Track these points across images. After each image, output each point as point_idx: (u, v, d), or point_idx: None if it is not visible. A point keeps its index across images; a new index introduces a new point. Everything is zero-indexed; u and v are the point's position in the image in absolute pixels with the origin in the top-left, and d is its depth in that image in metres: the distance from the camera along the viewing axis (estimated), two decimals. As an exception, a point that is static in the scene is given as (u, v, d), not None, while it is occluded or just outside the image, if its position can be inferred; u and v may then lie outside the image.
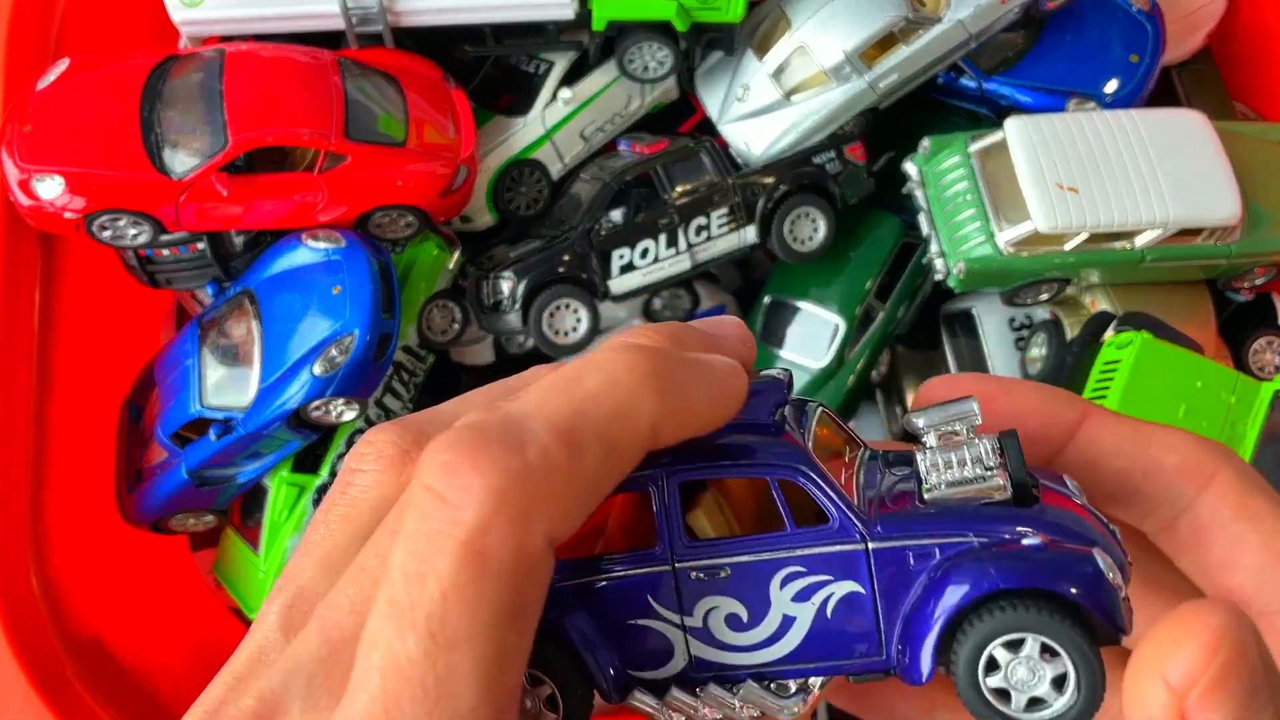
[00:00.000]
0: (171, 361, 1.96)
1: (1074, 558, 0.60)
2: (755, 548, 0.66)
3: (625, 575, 0.67)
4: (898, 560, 0.64)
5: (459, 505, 0.47)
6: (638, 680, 0.68)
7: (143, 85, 1.86)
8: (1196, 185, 1.98)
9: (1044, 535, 0.61)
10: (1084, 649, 0.59)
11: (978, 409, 0.65)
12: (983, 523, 0.63)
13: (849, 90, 2.09)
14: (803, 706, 0.66)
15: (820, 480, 0.65)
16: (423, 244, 2.07)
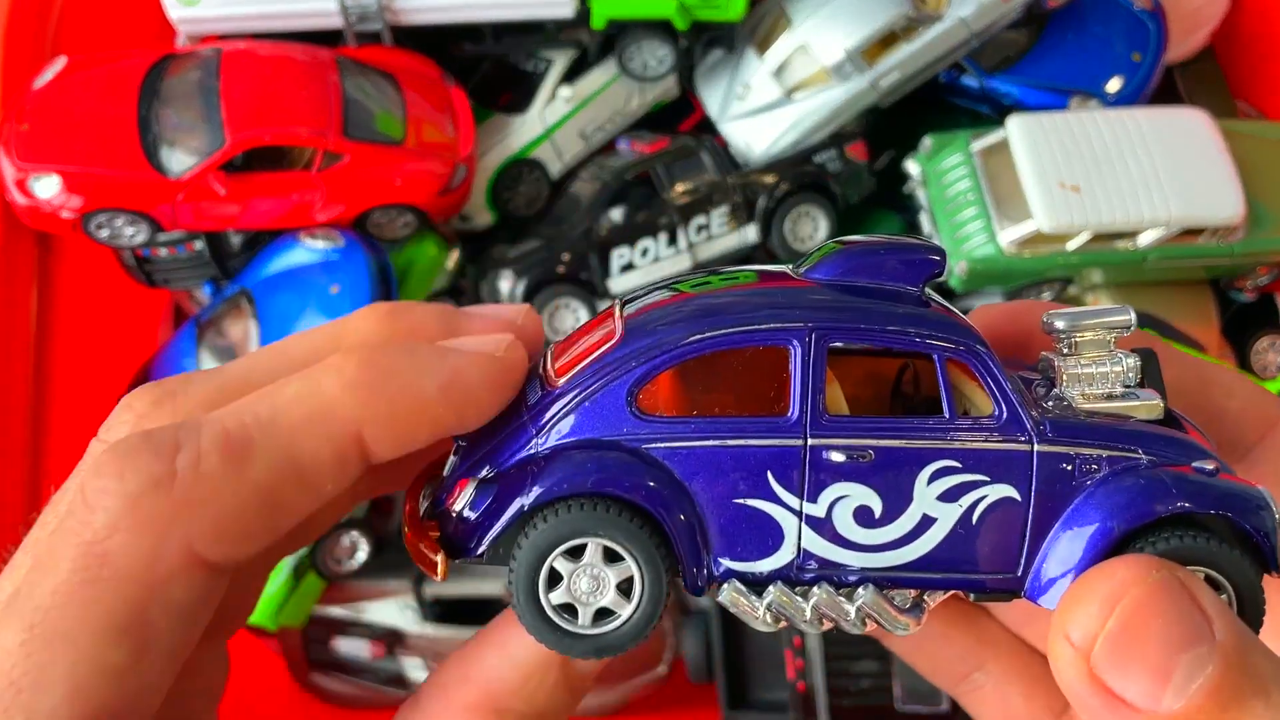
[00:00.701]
0: (169, 362, 1.95)
1: (1250, 492, 0.57)
2: (910, 432, 0.58)
3: (743, 445, 0.58)
4: (1063, 468, 0.58)
5: (94, 508, 0.47)
6: (731, 571, 0.59)
7: (140, 84, 1.85)
8: (1199, 184, 1.97)
9: (1215, 463, 0.58)
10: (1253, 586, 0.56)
11: (1135, 319, 0.60)
12: (1150, 441, 0.59)
13: (850, 89, 2.08)
14: (915, 625, 0.60)
15: (995, 365, 0.59)
16: (421, 243, 2.06)
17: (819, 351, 0.58)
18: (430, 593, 1.94)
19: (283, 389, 0.51)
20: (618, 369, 0.59)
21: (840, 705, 1.72)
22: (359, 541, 1.86)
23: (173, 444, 0.48)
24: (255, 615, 1.82)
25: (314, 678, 1.98)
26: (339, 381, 0.51)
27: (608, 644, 0.59)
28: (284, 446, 0.49)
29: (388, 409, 0.52)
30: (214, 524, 0.47)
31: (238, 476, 0.48)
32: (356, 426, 0.51)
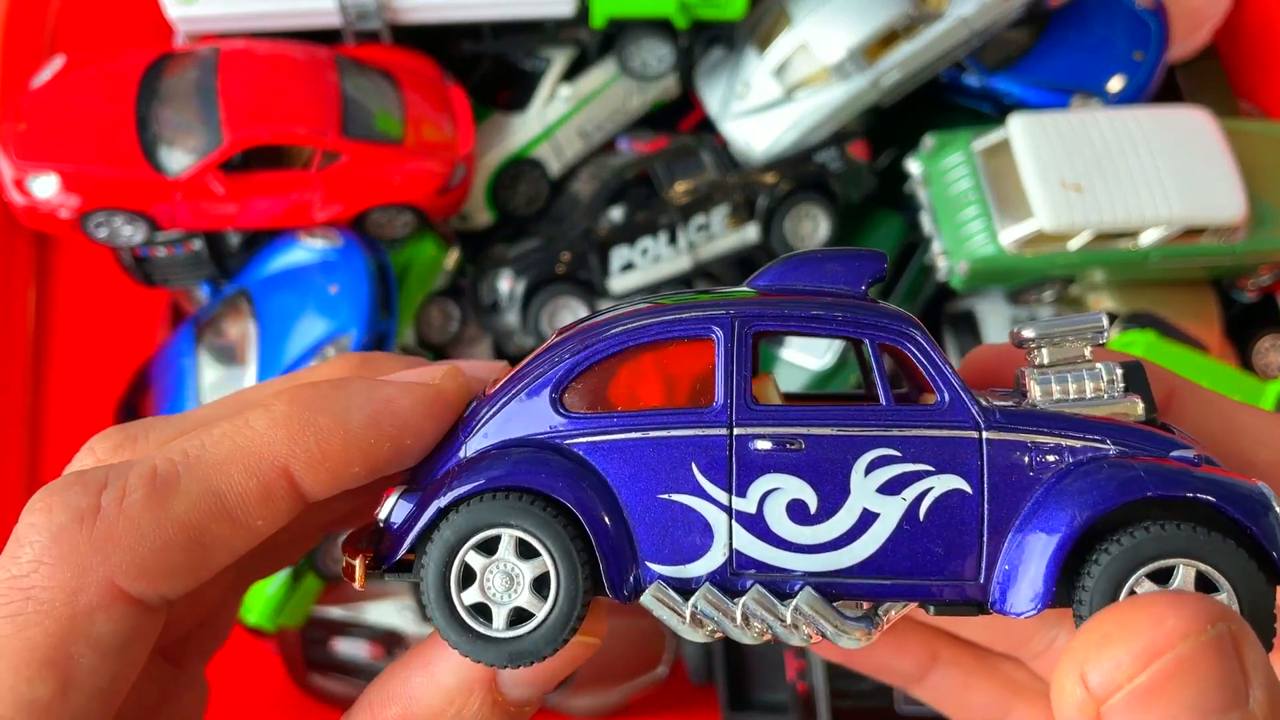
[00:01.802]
0: (167, 362, 1.94)
1: (1245, 486, 0.52)
2: (842, 419, 0.54)
3: (666, 436, 0.55)
4: (1017, 456, 0.53)
5: (22, 543, 0.47)
6: (661, 577, 0.55)
7: (138, 83, 1.84)
8: (1201, 183, 1.96)
9: (1197, 454, 0.53)
10: (1254, 582, 0.50)
11: (1109, 324, 0.56)
12: (1119, 432, 0.54)
13: (851, 87, 2.07)
14: (866, 637, 0.54)
15: (932, 349, 0.55)
16: (420, 243, 2.06)
17: (743, 339, 0.56)
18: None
19: (215, 426, 0.51)
20: (543, 369, 0.58)
21: (841, 707, 1.71)
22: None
23: (101, 481, 0.48)
24: (254, 616, 1.81)
25: (312, 679, 1.97)
26: (267, 418, 0.51)
27: (522, 649, 0.56)
28: (208, 482, 0.49)
29: (315, 442, 0.51)
30: (136, 559, 0.47)
31: (161, 512, 0.48)
32: (283, 461, 0.51)
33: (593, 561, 0.56)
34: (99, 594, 0.47)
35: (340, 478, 0.53)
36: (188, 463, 0.50)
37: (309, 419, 0.52)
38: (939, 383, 0.55)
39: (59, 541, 0.47)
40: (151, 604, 0.49)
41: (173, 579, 0.49)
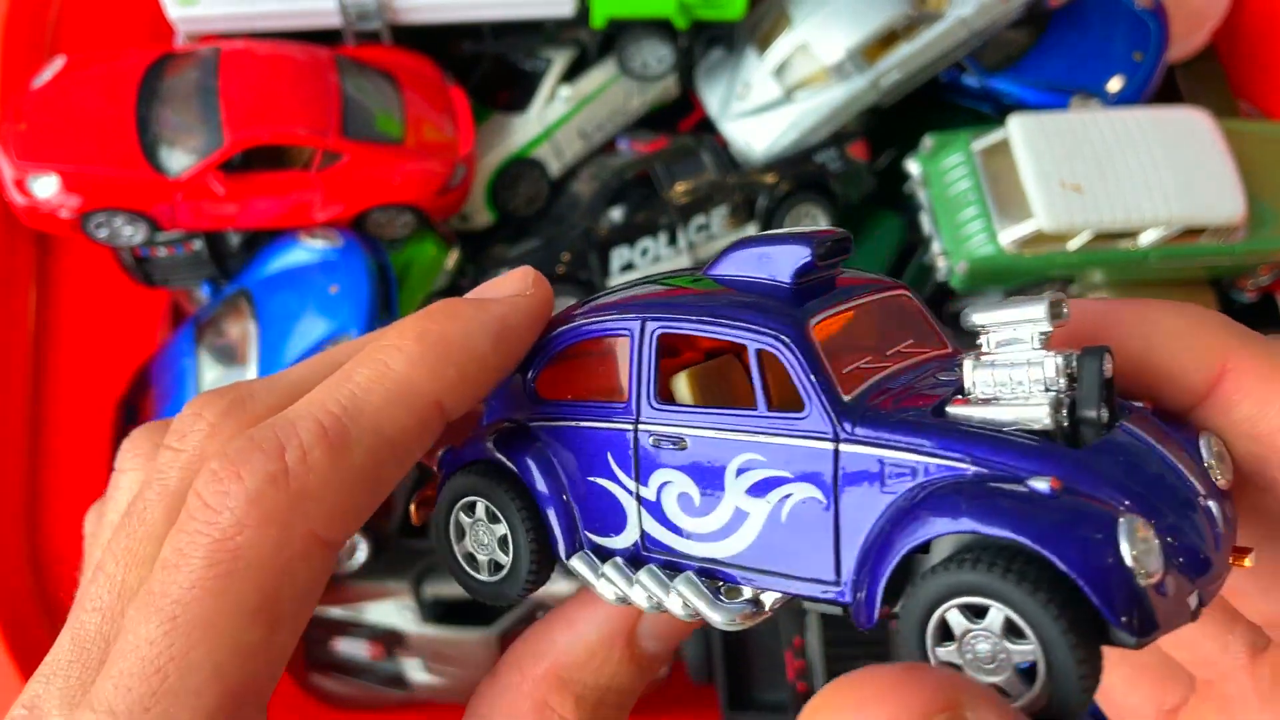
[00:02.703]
0: (167, 362, 1.94)
1: (1085, 516, 0.45)
2: (719, 423, 0.57)
3: (591, 427, 0.62)
4: (868, 471, 0.52)
5: (219, 509, 0.51)
6: (592, 544, 0.63)
7: (139, 83, 1.84)
8: (1200, 184, 1.96)
9: (1059, 481, 0.47)
10: (1061, 639, 0.44)
11: (1050, 312, 0.50)
12: (989, 449, 0.49)
13: (851, 88, 2.08)
14: (741, 619, 0.57)
15: (802, 357, 0.54)
16: (421, 243, 2.06)
17: (648, 341, 0.60)
18: (429, 593, 1.93)
19: (351, 377, 0.56)
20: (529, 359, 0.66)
21: (841, 706, 1.71)
22: (358, 542, 1.85)
23: (277, 443, 0.52)
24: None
25: (313, 678, 1.97)
26: (404, 360, 0.56)
27: (499, 592, 0.66)
28: (375, 429, 0.54)
29: (457, 374, 0.57)
30: (329, 509, 0.52)
31: (343, 463, 0.53)
32: (434, 395, 0.56)
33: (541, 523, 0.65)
34: (301, 545, 0.51)
35: (476, 397, 0.59)
36: (351, 417, 0.54)
37: (443, 353, 0.56)
38: (805, 391, 0.55)
39: (258, 504, 0.50)
40: (339, 545, 0.54)
41: (356, 519, 0.54)
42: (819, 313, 0.57)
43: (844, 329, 0.58)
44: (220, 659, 0.49)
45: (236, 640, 0.49)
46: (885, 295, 0.62)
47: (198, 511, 0.51)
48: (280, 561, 0.51)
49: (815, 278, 0.59)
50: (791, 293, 0.58)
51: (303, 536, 0.51)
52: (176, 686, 0.48)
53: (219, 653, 0.49)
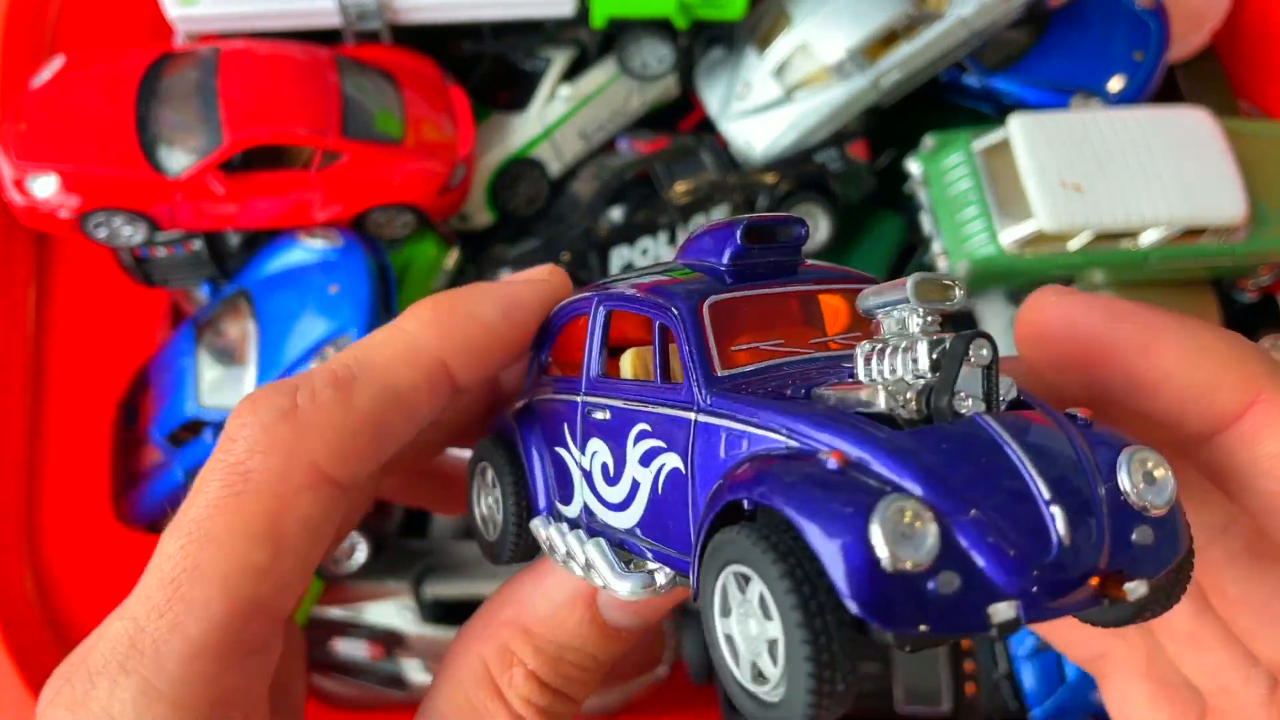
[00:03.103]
0: (166, 362, 1.94)
1: (850, 493, 0.43)
2: (628, 394, 0.60)
3: (560, 399, 0.66)
4: (712, 441, 0.53)
5: (235, 439, 0.57)
6: (558, 512, 0.66)
7: (138, 83, 1.84)
8: (1201, 184, 1.96)
9: (843, 456, 0.45)
10: (791, 613, 0.42)
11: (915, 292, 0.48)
12: (806, 425, 0.48)
13: (851, 87, 2.07)
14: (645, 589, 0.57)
15: (688, 331, 0.55)
16: (420, 243, 2.06)
17: (599, 319, 0.64)
18: (429, 593, 1.93)
19: (373, 338, 0.62)
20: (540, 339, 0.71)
21: (841, 707, 1.71)
22: (358, 543, 1.85)
23: (292, 385, 0.58)
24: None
25: (313, 679, 1.97)
26: (417, 323, 0.62)
27: (493, 552, 0.72)
28: (381, 378, 0.59)
29: (463, 338, 0.62)
30: (331, 444, 0.57)
31: (348, 404, 0.58)
32: (440, 356, 0.61)
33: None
34: (304, 476, 0.56)
35: (486, 363, 0.63)
36: (360, 365, 0.59)
37: (453, 318, 0.62)
38: (684, 363, 0.57)
39: (268, 433, 0.56)
40: (343, 486, 0.57)
41: (360, 461, 0.58)
42: (726, 293, 0.58)
43: (758, 312, 0.58)
44: (228, 573, 0.53)
45: (244, 559, 0.53)
46: (837, 287, 0.61)
47: (221, 442, 0.58)
48: (285, 488, 0.55)
49: (761, 261, 0.59)
50: (723, 274, 0.59)
51: (306, 466, 0.56)
52: (188, 595, 0.52)
53: (227, 568, 0.53)
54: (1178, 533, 0.48)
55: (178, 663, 0.51)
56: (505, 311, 0.64)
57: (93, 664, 0.53)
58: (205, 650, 0.52)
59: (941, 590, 0.42)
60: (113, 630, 0.53)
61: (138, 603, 0.53)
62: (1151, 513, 0.47)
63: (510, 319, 0.64)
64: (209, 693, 0.52)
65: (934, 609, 0.42)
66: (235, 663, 0.53)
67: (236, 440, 0.57)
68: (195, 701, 0.51)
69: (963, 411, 0.48)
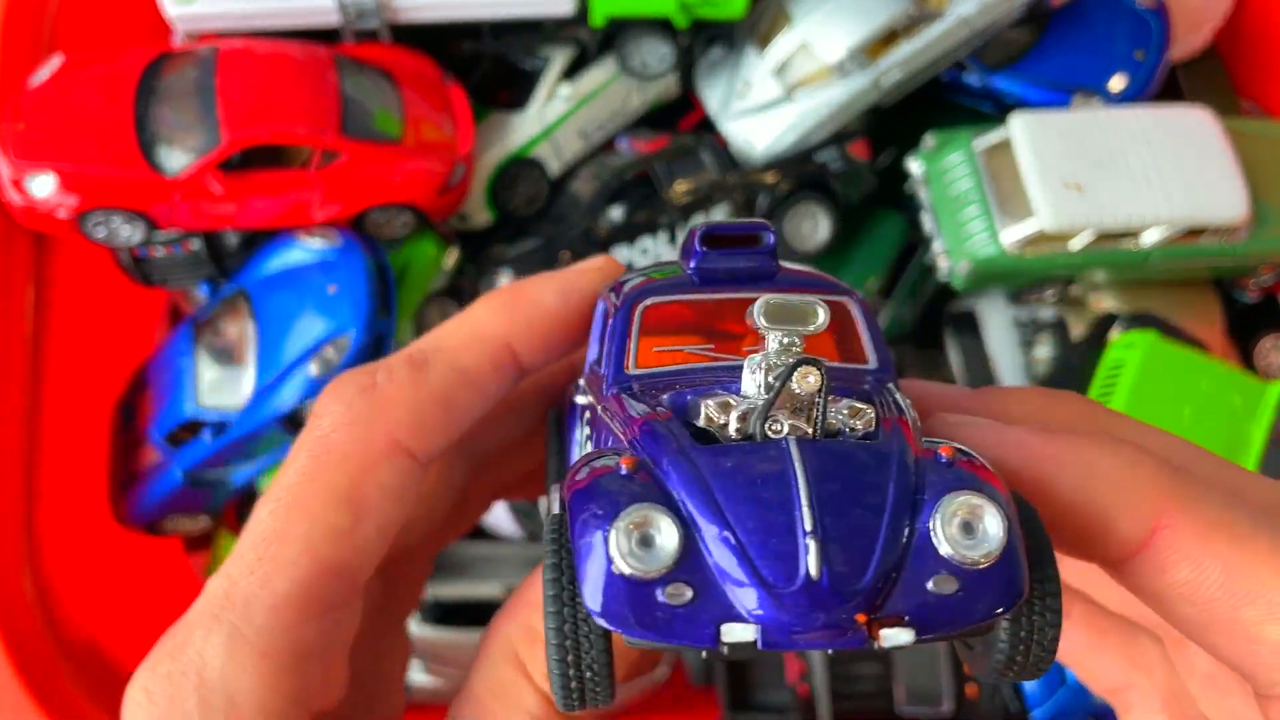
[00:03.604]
0: (165, 362, 1.94)
1: (612, 493, 0.45)
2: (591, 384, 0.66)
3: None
4: (600, 433, 0.57)
5: (322, 415, 0.62)
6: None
7: (137, 82, 1.84)
8: (1203, 183, 1.96)
9: (634, 462, 0.47)
10: (549, 591, 0.45)
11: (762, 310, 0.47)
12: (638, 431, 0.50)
13: (852, 87, 2.07)
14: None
15: (618, 329, 0.59)
16: (419, 243, 2.05)
17: (599, 312, 0.66)
18: (430, 594, 1.92)
19: (446, 325, 0.67)
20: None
21: (842, 708, 1.71)
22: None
23: (374, 368, 0.63)
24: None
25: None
26: (486, 309, 0.67)
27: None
28: (452, 359, 0.64)
29: (525, 321, 0.66)
30: (406, 416, 0.62)
31: (421, 381, 0.63)
32: (505, 337, 0.66)
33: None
34: (383, 445, 0.60)
35: (548, 345, 0.68)
36: (434, 348, 0.65)
37: (516, 303, 0.67)
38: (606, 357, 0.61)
39: (350, 408, 0.61)
40: (419, 458, 0.62)
41: (434, 434, 0.62)
42: (672, 295, 0.60)
43: (699, 316, 0.59)
44: (313, 536, 0.57)
45: (327, 522, 0.58)
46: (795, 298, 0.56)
47: (310, 419, 0.62)
48: (365, 456, 0.60)
49: (728, 267, 0.60)
50: (688, 277, 0.61)
51: (384, 436, 0.60)
52: (276, 555, 0.57)
53: (312, 531, 0.57)
54: (996, 588, 0.44)
55: (265, 614, 0.56)
56: (564, 297, 0.68)
57: (191, 615, 0.58)
58: (289, 604, 0.56)
59: (670, 601, 0.43)
60: (211, 586, 0.58)
61: (233, 562, 0.58)
62: (962, 563, 0.44)
63: (569, 303, 0.68)
64: (291, 643, 0.56)
65: (663, 618, 0.43)
66: (316, 618, 0.57)
67: (323, 416, 0.62)
68: (279, 650, 0.56)
69: (773, 435, 0.47)
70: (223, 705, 0.54)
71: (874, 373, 0.58)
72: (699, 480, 0.45)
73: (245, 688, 0.54)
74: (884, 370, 0.59)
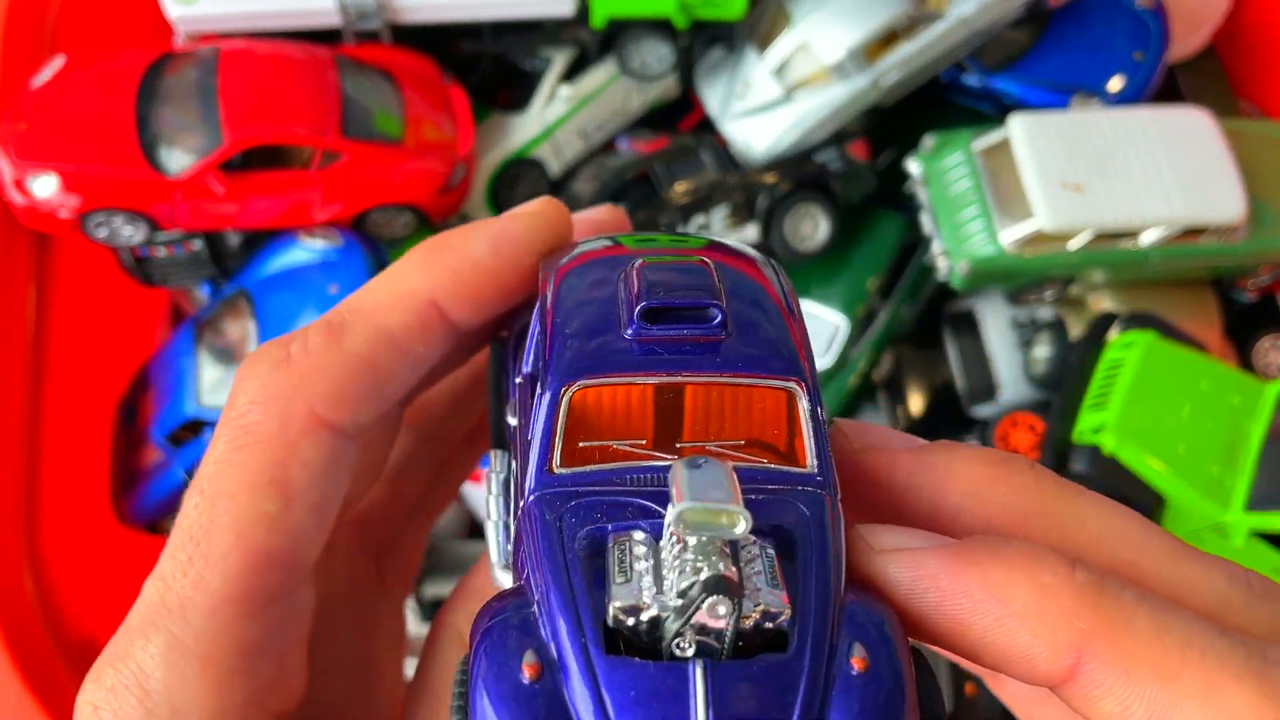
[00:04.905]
0: (166, 362, 1.94)
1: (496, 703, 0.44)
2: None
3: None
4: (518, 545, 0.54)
5: (237, 394, 0.57)
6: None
7: (138, 83, 1.84)
8: (1201, 183, 1.96)
9: (537, 671, 0.45)
10: None
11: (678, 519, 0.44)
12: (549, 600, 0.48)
13: (851, 87, 2.07)
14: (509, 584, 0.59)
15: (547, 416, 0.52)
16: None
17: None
18: (429, 593, 1.93)
19: (366, 286, 0.61)
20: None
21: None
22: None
23: (288, 339, 0.59)
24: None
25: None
26: (407, 265, 0.61)
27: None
28: (372, 321, 0.59)
29: (449, 274, 0.60)
30: (326, 388, 0.57)
31: (339, 348, 0.57)
32: (430, 295, 0.60)
33: None
34: (303, 422, 0.56)
35: (480, 301, 0.62)
36: (352, 311, 0.59)
37: (440, 257, 0.61)
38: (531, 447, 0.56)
39: (265, 385, 0.56)
40: (346, 431, 0.57)
41: (359, 404, 0.58)
42: (601, 377, 0.52)
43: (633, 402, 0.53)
44: (241, 526, 0.53)
45: (254, 509, 0.54)
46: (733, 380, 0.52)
47: (227, 405, 0.58)
48: (286, 436, 0.55)
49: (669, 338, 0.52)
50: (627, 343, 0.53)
51: (304, 413, 0.56)
52: (206, 550, 0.53)
53: (240, 520, 0.53)
54: None
55: (201, 616, 0.52)
56: (494, 247, 0.62)
57: (131, 620, 0.55)
58: (226, 602, 0.53)
59: None
60: (146, 590, 0.55)
61: (165, 562, 0.55)
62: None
63: (500, 254, 0.62)
64: (234, 644, 0.53)
65: None
66: (257, 613, 0.54)
67: (238, 396, 0.57)
68: (221, 654, 0.52)
69: (679, 654, 0.45)
70: (168, 717, 0.51)
71: (811, 480, 0.51)
72: (600, 705, 0.43)
73: (190, 696, 0.52)
74: (822, 476, 0.52)
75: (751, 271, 0.58)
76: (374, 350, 0.58)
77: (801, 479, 0.51)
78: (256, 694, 0.54)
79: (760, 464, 0.51)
